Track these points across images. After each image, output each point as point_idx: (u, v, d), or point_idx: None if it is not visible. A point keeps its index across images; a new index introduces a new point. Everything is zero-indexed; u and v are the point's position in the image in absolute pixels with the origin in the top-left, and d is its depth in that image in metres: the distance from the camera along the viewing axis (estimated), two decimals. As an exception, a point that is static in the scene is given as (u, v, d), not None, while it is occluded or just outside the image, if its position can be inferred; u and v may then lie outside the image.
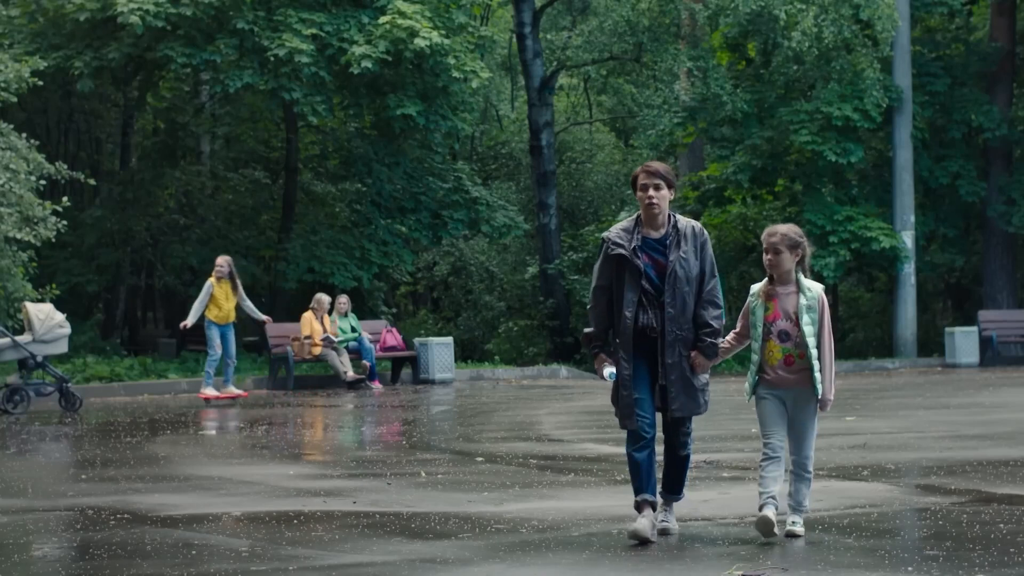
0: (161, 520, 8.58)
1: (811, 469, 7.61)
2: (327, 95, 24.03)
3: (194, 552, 7.43)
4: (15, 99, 20.99)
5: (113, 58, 23.19)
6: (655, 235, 7.65)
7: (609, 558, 7.10)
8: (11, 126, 20.64)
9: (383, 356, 23.05)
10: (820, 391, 7.49)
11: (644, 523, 7.52)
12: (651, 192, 7.61)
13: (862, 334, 32.70)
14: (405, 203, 26.82)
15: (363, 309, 25.64)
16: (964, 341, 26.24)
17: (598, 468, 10.90)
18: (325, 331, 21.93)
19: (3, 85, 20.52)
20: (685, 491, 7.96)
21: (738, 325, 7.79)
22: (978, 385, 20.39)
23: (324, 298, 22.26)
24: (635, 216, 7.77)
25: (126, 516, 8.71)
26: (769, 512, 7.40)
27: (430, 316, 34.13)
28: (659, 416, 7.72)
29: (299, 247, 25.40)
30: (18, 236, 19.37)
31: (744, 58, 29.26)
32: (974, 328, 26.72)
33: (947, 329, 27.15)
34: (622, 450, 7.84)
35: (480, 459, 11.75)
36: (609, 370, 7.68)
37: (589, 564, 6.97)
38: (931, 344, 28.74)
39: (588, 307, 7.98)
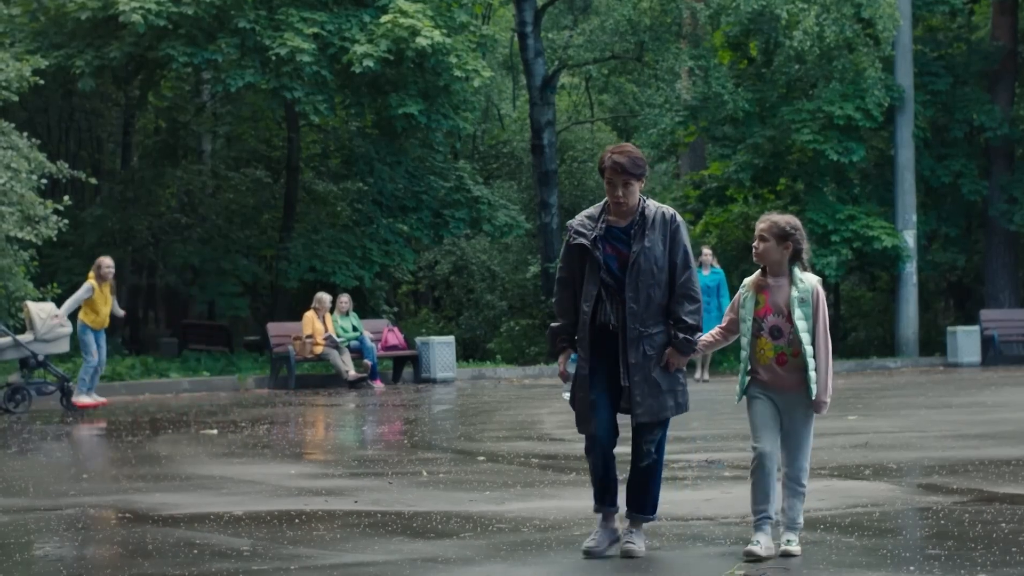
0: (163, 519, 8.58)
1: (805, 483, 7.09)
2: (328, 94, 24.02)
3: (196, 551, 7.43)
4: (16, 98, 20.96)
5: (114, 57, 23.20)
6: (621, 223, 7.05)
7: (610, 558, 7.09)
8: (12, 125, 20.63)
9: (385, 355, 23.06)
10: (814, 392, 6.97)
11: (597, 537, 7.14)
12: (619, 192, 7.01)
13: (864, 333, 32.66)
14: (406, 202, 26.81)
15: (364, 308, 25.64)
16: (966, 340, 26.20)
17: (600, 467, 10.87)
18: (327, 330, 21.94)
19: (4, 84, 20.51)
20: (658, 512, 7.28)
21: (724, 319, 7.26)
22: (980, 384, 20.37)
23: (326, 297, 22.27)
24: (603, 202, 7.18)
25: (127, 515, 8.71)
26: (760, 540, 6.97)
27: (431, 315, 34.11)
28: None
29: (300, 246, 25.39)
30: (19, 235, 19.36)
31: (746, 57, 29.23)
32: (976, 327, 26.68)
33: (949, 328, 27.10)
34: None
35: (482, 458, 11.74)
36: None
37: (590, 564, 6.96)
38: (933, 343, 28.70)
39: (553, 299, 7.44)
